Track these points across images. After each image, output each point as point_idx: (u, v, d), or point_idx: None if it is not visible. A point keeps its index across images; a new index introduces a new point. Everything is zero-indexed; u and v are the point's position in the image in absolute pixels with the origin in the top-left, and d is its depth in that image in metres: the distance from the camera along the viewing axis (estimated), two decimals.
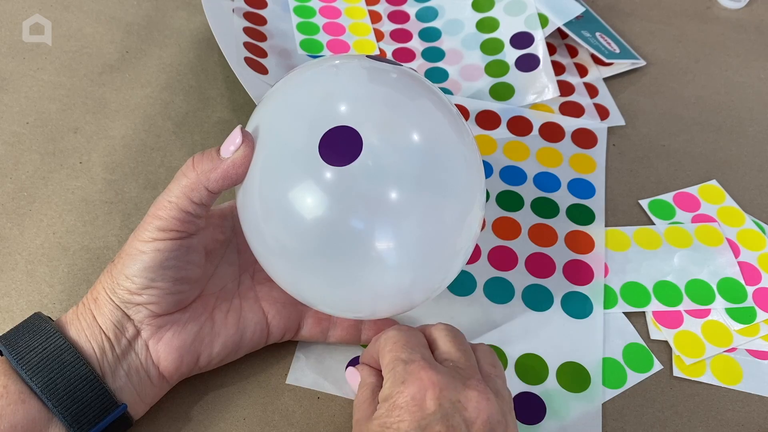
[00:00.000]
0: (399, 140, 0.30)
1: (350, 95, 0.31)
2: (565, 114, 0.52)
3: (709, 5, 0.64)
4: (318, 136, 0.30)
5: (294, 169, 0.30)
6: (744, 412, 0.39)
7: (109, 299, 0.33)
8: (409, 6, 0.59)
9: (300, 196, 0.30)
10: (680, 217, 0.47)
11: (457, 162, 0.31)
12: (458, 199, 0.32)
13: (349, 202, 0.29)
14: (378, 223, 0.30)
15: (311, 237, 0.30)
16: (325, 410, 0.37)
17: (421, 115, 0.31)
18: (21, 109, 0.48)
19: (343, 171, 0.29)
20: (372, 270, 0.31)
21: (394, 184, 0.30)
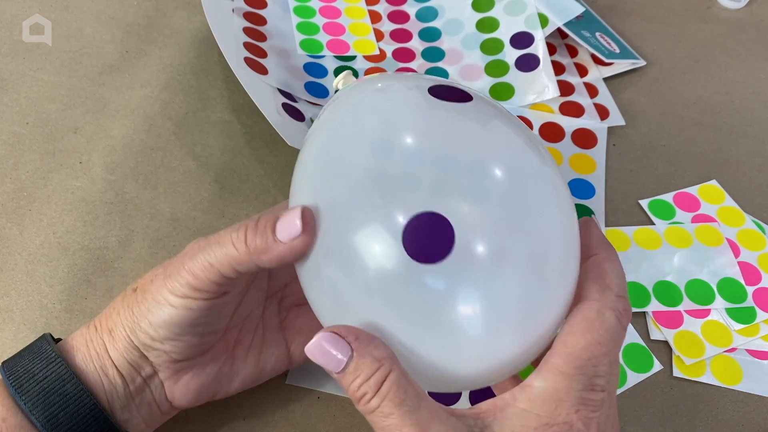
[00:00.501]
0: (496, 222, 0.25)
1: (431, 165, 0.25)
2: (565, 114, 0.52)
3: (709, 5, 0.64)
4: (399, 224, 0.25)
5: (370, 260, 0.25)
6: (744, 412, 0.39)
7: (127, 337, 0.30)
8: (409, 6, 0.59)
9: (378, 289, 0.25)
10: (680, 217, 0.47)
11: (556, 221, 0.26)
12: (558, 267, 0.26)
13: (442, 294, 0.25)
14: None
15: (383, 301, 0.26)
16: (325, 410, 0.37)
17: (518, 179, 0.26)
18: (21, 109, 0.48)
19: (432, 268, 0.24)
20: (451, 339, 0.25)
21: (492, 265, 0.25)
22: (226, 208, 0.45)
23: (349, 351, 0.25)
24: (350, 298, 0.26)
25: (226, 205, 0.45)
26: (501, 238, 0.25)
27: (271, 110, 0.46)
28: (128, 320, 0.30)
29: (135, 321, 0.30)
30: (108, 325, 0.31)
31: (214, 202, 0.45)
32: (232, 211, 0.45)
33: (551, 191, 0.26)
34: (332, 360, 0.25)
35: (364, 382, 0.25)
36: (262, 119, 0.48)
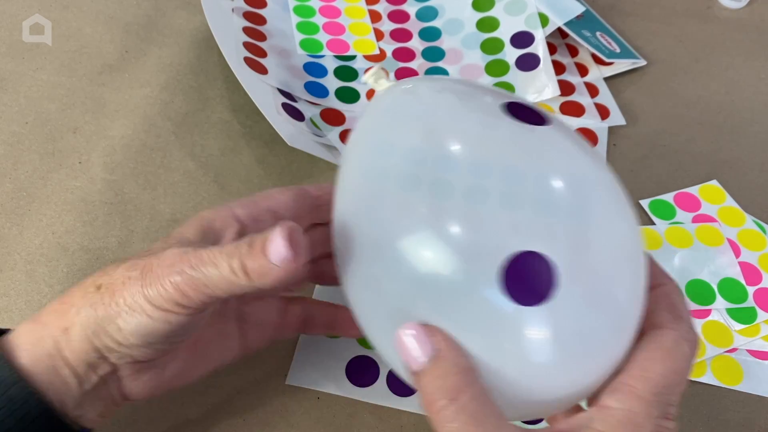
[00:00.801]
0: (593, 262, 0.25)
1: (529, 206, 0.24)
2: (566, 114, 0.52)
3: (710, 5, 0.64)
4: (494, 264, 0.24)
5: (464, 303, 0.24)
6: (744, 412, 0.39)
7: (87, 339, 0.28)
8: (409, 5, 0.58)
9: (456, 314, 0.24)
10: (681, 217, 0.47)
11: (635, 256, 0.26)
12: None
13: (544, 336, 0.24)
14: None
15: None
16: (325, 410, 0.37)
17: (609, 216, 0.26)
18: (20, 109, 0.48)
19: (532, 311, 0.24)
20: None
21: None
22: None
23: (432, 350, 0.24)
24: (426, 319, 0.25)
25: None
26: (595, 276, 0.25)
27: (271, 110, 0.46)
28: (90, 321, 0.28)
29: (99, 323, 0.28)
30: (62, 323, 0.28)
31: (214, 202, 0.45)
32: None
33: (634, 228, 0.27)
34: (414, 354, 0.24)
35: (442, 386, 0.23)
36: (262, 119, 0.48)
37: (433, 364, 0.24)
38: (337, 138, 0.49)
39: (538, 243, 0.24)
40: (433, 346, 0.24)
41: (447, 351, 0.24)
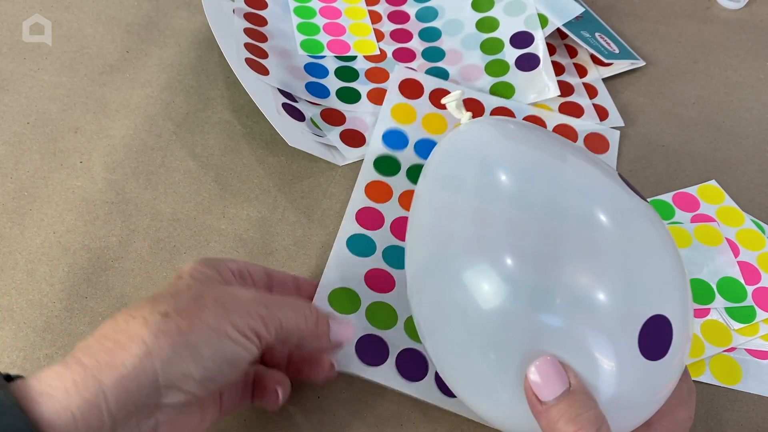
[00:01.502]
0: (688, 316, 0.30)
1: (657, 277, 0.30)
2: (565, 114, 0.52)
3: (709, 5, 0.64)
4: (635, 326, 0.28)
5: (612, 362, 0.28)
6: (743, 411, 0.39)
7: (149, 373, 0.26)
8: (409, 6, 0.59)
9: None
10: (680, 217, 0.47)
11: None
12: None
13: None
14: None
15: None
16: (326, 410, 0.37)
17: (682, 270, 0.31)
18: (21, 109, 0.48)
19: (655, 365, 0.29)
20: None
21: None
22: (226, 208, 0.45)
23: (566, 383, 0.27)
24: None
25: (226, 205, 0.45)
26: (688, 333, 0.30)
27: (272, 110, 0.46)
28: (164, 348, 0.26)
29: (176, 350, 0.26)
30: (112, 359, 0.25)
31: (214, 202, 0.45)
32: (232, 211, 0.45)
33: (687, 282, 0.32)
34: (548, 385, 0.27)
35: (582, 416, 0.26)
36: (262, 119, 0.48)
37: (569, 396, 0.27)
38: (337, 138, 0.49)
39: (665, 308, 0.29)
40: (566, 379, 0.27)
41: (580, 386, 0.27)
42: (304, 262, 0.43)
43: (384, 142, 0.48)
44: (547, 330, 0.28)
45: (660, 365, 0.28)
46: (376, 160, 0.47)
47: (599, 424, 0.26)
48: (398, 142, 0.49)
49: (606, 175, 0.32)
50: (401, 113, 0.50)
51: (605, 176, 0.32)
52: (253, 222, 0.45)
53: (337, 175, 0.47)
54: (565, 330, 0.28)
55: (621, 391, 0.28)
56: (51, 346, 0.38)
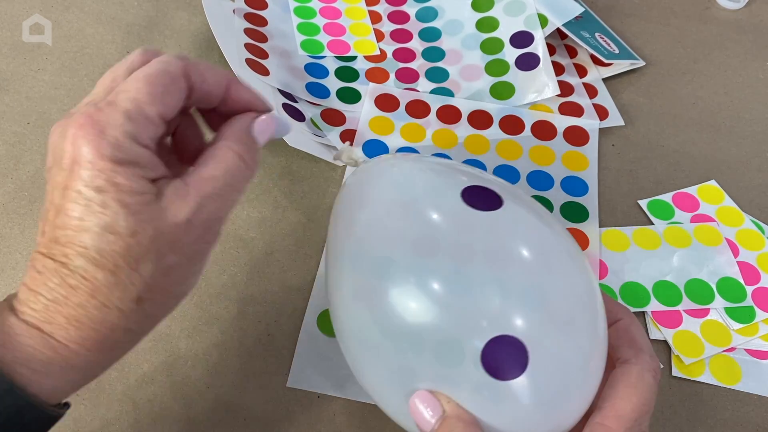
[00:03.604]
0: (560, 322, 0.28)
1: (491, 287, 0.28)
2: (565, 114, 0.52)
3: (708, 5, 0.64)
4: (476, 348, 0.27)
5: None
6: (743, 411, 0.39)
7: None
8: (409, 6, 0.59)
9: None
10: (679, 217, 0.47)
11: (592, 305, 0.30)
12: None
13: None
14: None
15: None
16: (325, 410, 0.37)
17: (560, 285, 0.29)
18: (22, 109, 0.48)
19: (507, 386, 0.27)
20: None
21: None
22: None
23: (440, 411, 0.27)
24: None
25: None
26: (561, 340, 0.28)
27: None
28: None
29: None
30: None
31: None
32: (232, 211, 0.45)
33: (586, 283, 0.29)
34: (423, 417, 0.28)
35: None
36: None
37: (442, 422, 0.27)
38: (337, 138, 0.49)
39: (508, 326, 0.27)
40: (439, 407, 0.28)
41: (452, 410, 0.27)
42: (304, 262, 0.43)
43: (365, 151, 0.48)
44: (418, 362, 0.28)
45: (518, 384, 0.27)
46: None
47: None
48: (379, 152, 0.49)
49: (455, 199, 0.30)
50: (379, 125, 0.50)
51: (455, 202, 0.30)
52: (253, 222, 0.45)
53: (337, 175, 0.47)
54: (425, 359, 0.28)
55: (486, 412, 0.27)
56: None
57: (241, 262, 0.43)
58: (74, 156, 0.26)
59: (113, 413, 0.37)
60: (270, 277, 0.42)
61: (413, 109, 0.51)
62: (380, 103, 0.51)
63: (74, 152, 0.26)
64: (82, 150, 0.25)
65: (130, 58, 0.31)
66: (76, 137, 0.26)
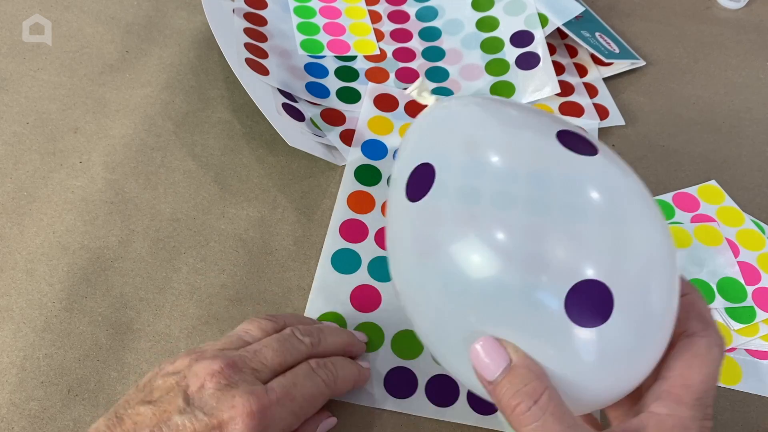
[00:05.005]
0: (643, 277, 0.27)
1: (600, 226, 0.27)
2: (565, 114, 0.52)
3: (709, 5, 0.64)
4: (562, 290, 0.26)
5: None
6: (743, 412, 0.39)
7: None
8: (409, 6, 0.59)
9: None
10: (679, 217, 0.47)
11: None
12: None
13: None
14: None
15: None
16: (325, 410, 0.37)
17: (650, 235, 0.28)
18: (21, 109, 0.48)
19: (591, 331, 0.26)
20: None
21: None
22: (226, 208, 0.45)
23: (507, 360, 0.26)
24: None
25: (226, 205, 0.45)
26: (642, 296, 0.27)
27: (272, 110, 0.46)
28: None
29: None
30: None
31: (214, 202, 0.45)
32: (232, 211, 0.45)
33: (668, 240, 0.29)
34: (491, 364, 0.27)
35: (522, 390, 0.26)
36: (262, 119, 0.48)
37: (509, 372, 0.26)
38: (337, 138, 0.49)
39: (598, 270, 0.26)
40: (506, 356, 0.27)
41: (520, 360, 0.26)
42: (304, 262, 0.43)
43: (363, 152, 0.48)
44: (484, 308, 0.27)
45: (601, 332, 0.26)
46: (356, 170, 0.47)
47: (537, 396, 0.26)
48: (377, 152, 0.48)
49: (551, 141, 0.29)
50: (378, 125, 0.50)
51: (550, 143, 0.29)
52: (253, 222, 0.45)
53: (337, 175, 0.47)
54: (497, 306, 0.27)
55: (562, 361, 0.26)
56: (51, 346, 0.38)
57: (240, 262, 0.43)
58: (227, 426, 0.30)
59: None
60: (270, 277, 0.42)
61: (412, 109, 0.51)
62: (379, 103, 0.51)
63: (229, 424, 0.30)
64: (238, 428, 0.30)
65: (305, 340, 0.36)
66: (243, 416, 0.30)
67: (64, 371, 0.38)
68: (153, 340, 0.39)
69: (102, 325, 0.39)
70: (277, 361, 0.33)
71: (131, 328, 0.39)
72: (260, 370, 0.33)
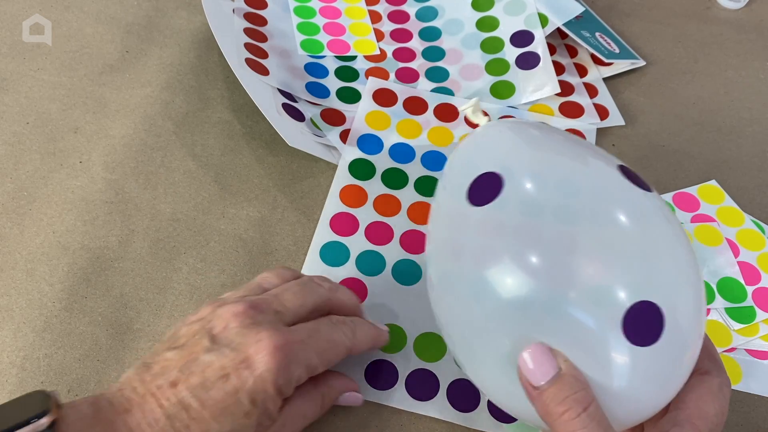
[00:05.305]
0: (687, 306, 0.29)
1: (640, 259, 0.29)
2: (565, 114, 0.52)
3: (709, 5, 0.64)
4: (620, 311, 0.28)
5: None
6: (743, 412, 0.39)
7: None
8: (409, 6, 0.59)
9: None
10: (680, 217, 0.47)
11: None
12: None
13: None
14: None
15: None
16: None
17: (693, 267, 0.30)
18: (21, 109, 0.48)
19: (643, 350, 0.28)
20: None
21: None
22: (226, 208, 0.45)
23: (556, 367, 0.27)
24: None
25: (226, 205, 0.45)
26: (685, 322, 0.29)
27: (271, 110, 0.46)
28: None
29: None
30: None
31: (214, 202, 0.45)
32: (232, 211, 0.45)
33: (700, 275, 0.31)
34: (539, 371, 0.27)
35: (571, 397, 0.27)
36: (262, 119, 0.48)
37: (558, 379, 0.27)
38: (337, 138, 0.49)
39: (654, 294, 0.28)
40: (555, 364, 0.28)
41: (569, 369, 0.28)
42: (303, 261, 0.43)
43: (359, 146, 0.48)
44: (538, 320, 0.28)
45: (651, 352, 0.28)
46: (351, 164, 0.47)
47: (587, 404, 0.27)
48: (373, 147, 0.48)
49: (614, 172, 0.31)
50: (375, 120, 0.50)
51: (613, 174, 0.31)
52: (253, 222, 0.45)
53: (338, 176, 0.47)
54: (554, 319, 0.28)
55: (609, 377, 0.28)
56: (51, 346, 0.38)
57: (240, 262, 0.43)
58: (254, 362, 0.30)
59: None
60: None
61: (411, 106, 0.51)
62: (378, 98, 0.51)
63: (256, 360, 0.30)
64: (267, 366, 0.30)
65: (324, 284, 0.37)
66: (270, 350, 0.30)
67: (64, 371, 0.38)
68: (153, 340, 0.39)
69: (102, 325, 0.39)
70: (298, 302, 0.34)
71: (131, 328, 0.39)
72: (283, 312, 0.33)
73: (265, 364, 0.30)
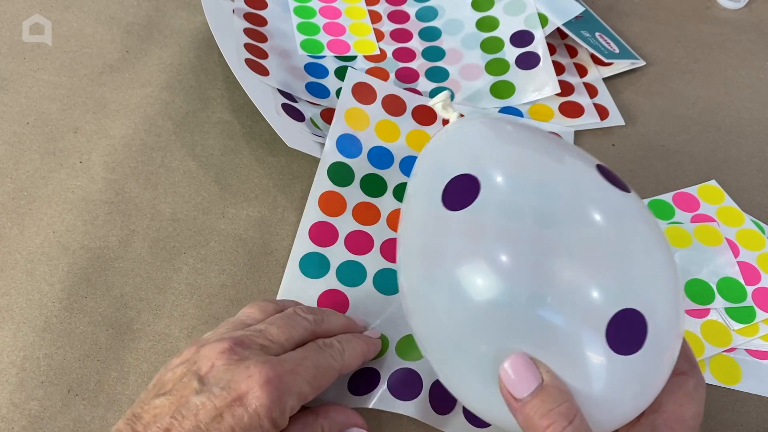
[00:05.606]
0: (669, 314, 0.29)
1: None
2: (565, 114, 0.52)
3: (709, 5, 0.64)
4: (602, 320, 0.27)
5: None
6: (743, 412, 0.39)
7: None
8: (409, 6, 0.59)
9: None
10: (679, 217, 0.47)
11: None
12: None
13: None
14: None
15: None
16: None
17: (674, 269, 0.30)
18: (21, 109, 0.48)
19: (625, 359, 0.27)
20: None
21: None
22: (226, 208, 0.45)
23: (539, 378, 0.27)
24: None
25: (226, 205, 0.45)
26: (666, 329, 0.28)
27: (271, 111, 0.46)
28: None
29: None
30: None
31: (214, 202, 0.45)
32: (232, 211, 0.45)
33: (678, 278, 0.30)
34: (521, 382, 0.27)
35: (555, 410, 0.26)
36: (262, 119, 0.48)
37: (541, 391, 0.27)
38: None
39: (636, 301, 0.27)
40: (539, 375, 0.27)
41: (552, 380, 0.27)
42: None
43: (338, 148, 0.46)
44: (519, 327, 0.28)
45: (634, 360, 0.27)
46: (330, 168, 0.45)
47: (571, 417, 0.26)
48: (352, 149, 0.47)
49: (592, 172, 0.31)
50: (354, 118, 0.48)
51: (592, 174, 0.31)
52: (252, 222, 0.45)
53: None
54: (534, 326, 0.27)
55: (592, 386, 0.27)
56: (51, 346, 0.38)
57: (240, 262, 0.43)
58: (247, 398, 0.29)
59: (113, 413, 0.37)
60: (269, 277, 0.42)
61: (389, 105, 0.49)
62: (358, 94, 0.49)
63: (249, 396, 0.29)
64: (261, 401, 0.29)
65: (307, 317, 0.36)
66: (261, 384, 0.30)
67: (64, 371, 0.38)
68: (153, 340, 0.39)
69: (102, 325, 0.39)
70: (284, 336, 0.33)
71: (131, 328, 0.39)
72: (268, 346, 0.32)
73: (258, 399, 0.29)
